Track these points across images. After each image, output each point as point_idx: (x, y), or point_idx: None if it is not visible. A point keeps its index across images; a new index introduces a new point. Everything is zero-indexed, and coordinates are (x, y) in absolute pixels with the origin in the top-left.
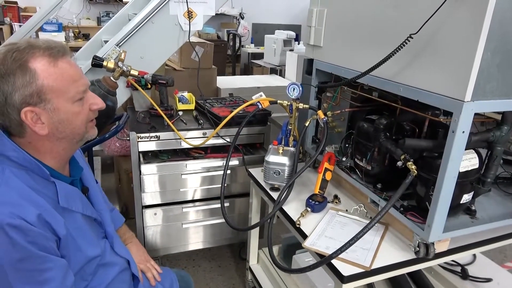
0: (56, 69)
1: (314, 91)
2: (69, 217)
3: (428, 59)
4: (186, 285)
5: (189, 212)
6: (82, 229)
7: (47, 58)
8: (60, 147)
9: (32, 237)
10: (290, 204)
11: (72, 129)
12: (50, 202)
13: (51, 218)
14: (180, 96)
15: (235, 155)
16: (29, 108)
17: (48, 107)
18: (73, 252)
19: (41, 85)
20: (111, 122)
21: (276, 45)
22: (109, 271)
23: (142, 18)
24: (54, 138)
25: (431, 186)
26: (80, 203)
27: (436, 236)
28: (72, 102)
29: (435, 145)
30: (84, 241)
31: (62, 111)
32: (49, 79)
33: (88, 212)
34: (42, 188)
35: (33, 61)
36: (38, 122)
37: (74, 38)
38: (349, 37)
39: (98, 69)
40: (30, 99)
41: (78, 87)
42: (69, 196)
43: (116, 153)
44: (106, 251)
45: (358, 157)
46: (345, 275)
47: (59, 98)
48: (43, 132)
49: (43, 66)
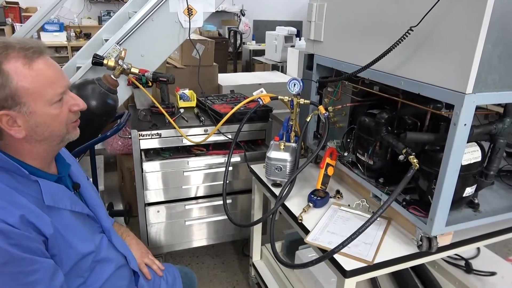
0: (31, 71)
1: (315, 86)
2: (56, 215)
3: (429, 51)
4: (189, 281)
5: (192, 209)
6: (72, 226)
7: (22, 59)
8: (40, 149)
9: (15, 239)
10: (292, 199)
11: (51, 132)
12: (35, 201)
13: (35, 218)
14: (181, 93)
15: (237, 152)
16: (3, 111)
17: (23, 110)
18: (64, 250)
19: (15, 88)
20: (112, 120)
21: (277, 42)
22: (106, 267)
23: (142, 16)
24: (33, 140)
25: (433, 180)
26: (67, 200)
27: (438, 230)
28: (50, 104)
29: (437, 138)
30: (75, 238)
31: (39, 114)
32: (24, 81)
33: (78, 209)
34: (25, 188)
35: (6, 63)
36: (14, 125)
37: (75, 37)
38: (350, 31)
39: (98, 67)
40: (4, 103)
41: (56, 89)
42: (54, 194)
43: (118, 151)
44: (103, 246)
45: (360, 151)
46: (347, 269)
47: (35, 101)
48: (19, 135)
49: (17, 68)
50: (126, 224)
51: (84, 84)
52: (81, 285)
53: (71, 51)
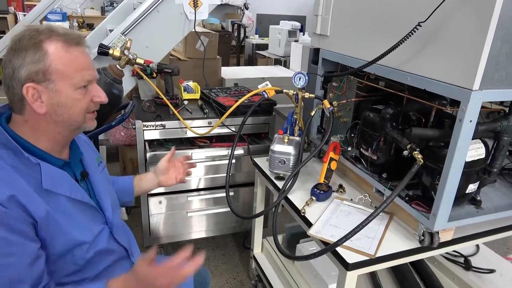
0: (67, 54)
1: (320, 80)
2: (53, 199)
3: (436, 47)
4: (202, 280)
5: (194, 200)
6: (69, 212)
7: (62, 42)
8: (55, 131)
9: (1, 218)
10: (295, 193)
11: (69, 115)
12: (34, 183)
13: (27, 200)
14: (185, 85)
15: (240, 145)
16: (31, 84)
17: (50, 87)
18: (56, 235)
19: (49, 65)
20: (117, 110)
21: (281, 36)
22: (105, 257)
23: (148, 6)
24: (51, 120)
25: (436, 176)
26: (67, 187)
27: (441, 225)
28: (75, 88)
29: (442, 134)
30: (70, 225)
31: (63, 94)
32: (58, 61)
33: (78, 196)
34: (27, 169)
35: (48, 43)
36: (38, 100)
37: (78, 27)
38: (356, 26)
39: (103, 57)
40: (35, 76)
41: (84, 76)
42: (54, 178)
43: (121, 142)
44: (103, 237)
45: (364, 146)
46: (349, 262)
47: (63, 81)
48: (40, 110)
49: (55, 49)
50: (127, 215)
51: None
52: (77, 272)
53: None
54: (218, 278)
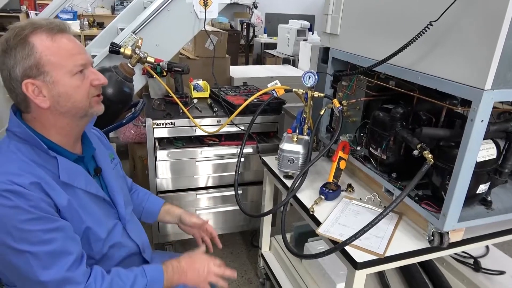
0: (53, 43)
1: (330, 79)
2: (71, 192)
3: (448, 46)
4: None
5: (202, 198)
6: (87, 206)
7: (46, 33)
8: (63, 122)
9: (34, 201)
10: (304, 192)
11: (73, 103)
12: (52, 176)
13: (50, 188)
14: (194, 84)
15: (249, 143)
16: (29, 80)
17: (47, 79)
18: (77, 224)
19: (39, 58)
20: (127, 108)
21: (290, 35)
22: (118, 252)
23: (158, 5)
24: (57, 112)
25: (447, 176)
26: (83, 180)
27: (451, 225)
28: (71, 75)
29: (453, 134)
30: (88, 218)
31: (61, 84)
32: (47, 52)
33: (93, 190)
34: (44, 163)
35: (32, 36)
36: (39, 95)
37: (88, 26)
38: (367, 25)
39: (114, 56)
40: (30, 72)
41: (76, 61)
42: (70, 172)
43: (131, 140)
44: (118, 232)
45: (373, 146)
46: (358, 261)
47: (57, 71)
48: (44, 105)
49: (41, 41)
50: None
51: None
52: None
53: (84, 39)
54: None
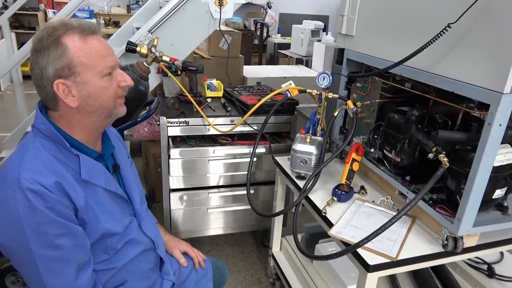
0: (85, 44)
1: (344, 81)
2: (90, 190)
3: (466, 49)
4: (220, 275)
5: (214, 197)
6: (105, 203)
7: (78, 34)
8: (89, 121)
9: (51, 203)
10: (316, 193)
11: (100, 103)
12: (73, 173)
13: (70, 188)
14: (208, 83)
15: (262, 143)
16: (60, 80)
17: (77, 80)
18: (93, 224)
19: (71, 59)
20: (142, 106)
21: (304, 35)
22: (133, 248)
23: (174, 5)
24: (84, 111)
25: (462, 180)
26: (102, 178)
27: (465, 230)
28: (100, 76)
29: (469, 137)
30: (105, 215)
31: (91, 85)
32: (79, 53)
33: (112, 188)
34: (67, 160)
35: (65, 37)
36: (69, 95)
37: (104, 25)
38: (383, 26)
39: (130, 54)
40: (61, 72)
41: (106, 63)
42: (91, 169)
43: (144, 138)
44: (133, 228)
45: (387, 148)
46: (370, 264)
47: (88, 72)
48: (73, 104)
49: (73, 42)
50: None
51: None
52: (106, 260)
53: None
54: (236, 275)
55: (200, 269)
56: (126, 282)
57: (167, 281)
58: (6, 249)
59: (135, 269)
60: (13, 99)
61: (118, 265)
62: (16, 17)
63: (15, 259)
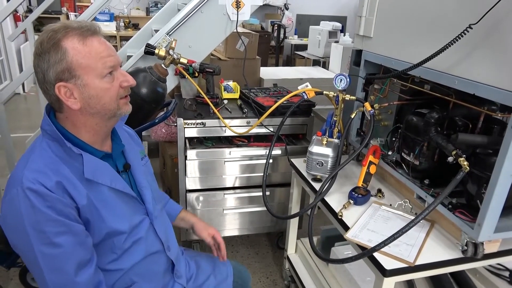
0: (84, 47)
1: (362, 82)
2: (95, 189)
3: (487, 50)
4: (241, 281)
5: (230, 198)
6: (110, 202)
7: (77, 36)
8: (93, 122)
9: (50, 202)
10: (332, 195)
11: (102, 105)
12: (76, 172)
13: (71, 187)
14: (225, 85)
15: (278, 145)
16: (62, 83)
17: (78, 82)
18: (96, 223)
19: (71, 62)
20: (160, 108)
21: (321, 37)
22: (140, 248)
23: (192, 7)
24: (87, 113)
25: (483, 184)
26: (108, 177)
27: (486, 236)
28: (101, 78)
29: (491, 141)
30: (110, 214)
31: (92, 87)
32: (78, 56)
33: (119, 187)
34: (70, 159)
35: (65, 40)
36: (71, 97)
37: (124, 27)
38: (401, 27)
39: (148, 56)
40: (62, 75)
41: (106, 63)
42: (96, 169)
43: (162, 138)
44: (142, 228)
45: (406, 151)
46: (387, 268)
47: (88, 74)
48: (75, 106)
49: (73, 44)
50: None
51: (136, 72)
52: (114, 260)
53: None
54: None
55: (220, 273)
56: (135, 283)
57: (178, 284)
58: (15, 247)
59: (144, 271)
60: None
61: (127, 265)
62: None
63: (23, 256)
